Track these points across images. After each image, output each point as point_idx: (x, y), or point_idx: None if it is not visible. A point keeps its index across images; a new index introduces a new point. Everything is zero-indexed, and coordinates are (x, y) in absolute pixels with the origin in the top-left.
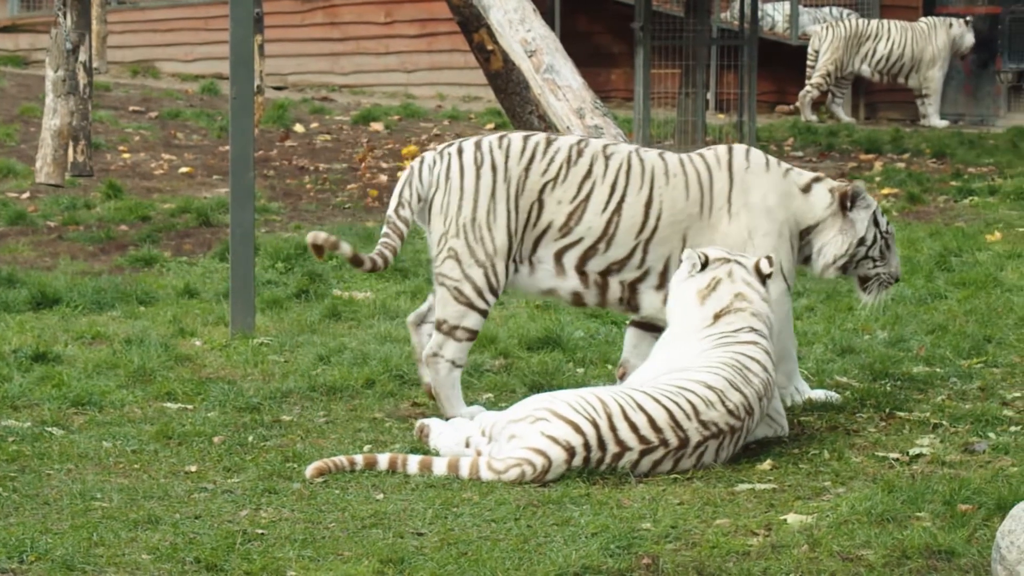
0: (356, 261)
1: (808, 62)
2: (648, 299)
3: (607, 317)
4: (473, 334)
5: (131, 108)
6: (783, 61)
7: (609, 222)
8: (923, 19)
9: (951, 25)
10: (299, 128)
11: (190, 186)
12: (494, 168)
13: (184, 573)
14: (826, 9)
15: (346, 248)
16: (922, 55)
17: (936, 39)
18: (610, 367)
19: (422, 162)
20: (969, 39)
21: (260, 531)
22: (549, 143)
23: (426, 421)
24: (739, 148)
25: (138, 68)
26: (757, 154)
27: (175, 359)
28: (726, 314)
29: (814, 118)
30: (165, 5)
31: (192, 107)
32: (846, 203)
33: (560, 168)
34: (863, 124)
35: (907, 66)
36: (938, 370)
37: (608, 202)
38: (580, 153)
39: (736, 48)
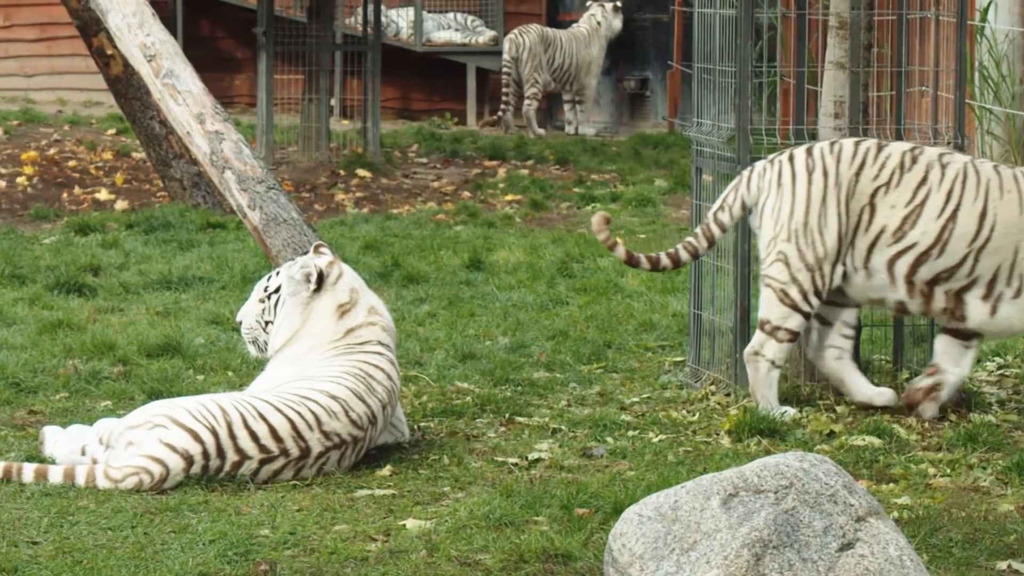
0: (632, 261)
1: (504, 69)
2: (974, 308)
3: (228, 324)
4: (795, 336)
5: None
6: (408, 67)
7: (944, 228)
8: (582, 24)
9: (598, 24)
10: None
11: None
12: (825, 173)
13: None
14: (451, 15)
15: (620, 251)
16: (581, 62)
17: (592, 47)
18: (230, 374)
19: (752, 170)
20: (617, 23)
21: None
22: (880, 148)
23: (45, 429)
24: None
25: None
26: None
27: None
28: (358, 328)
29: (542, 131)
30: None
31: None
32: None
33: (892, 173)
34: (490, 131)
35: (572, 74)
36: (558, 375)
37: (944, 209)
38: (915, 160)
39: (360, 54)
